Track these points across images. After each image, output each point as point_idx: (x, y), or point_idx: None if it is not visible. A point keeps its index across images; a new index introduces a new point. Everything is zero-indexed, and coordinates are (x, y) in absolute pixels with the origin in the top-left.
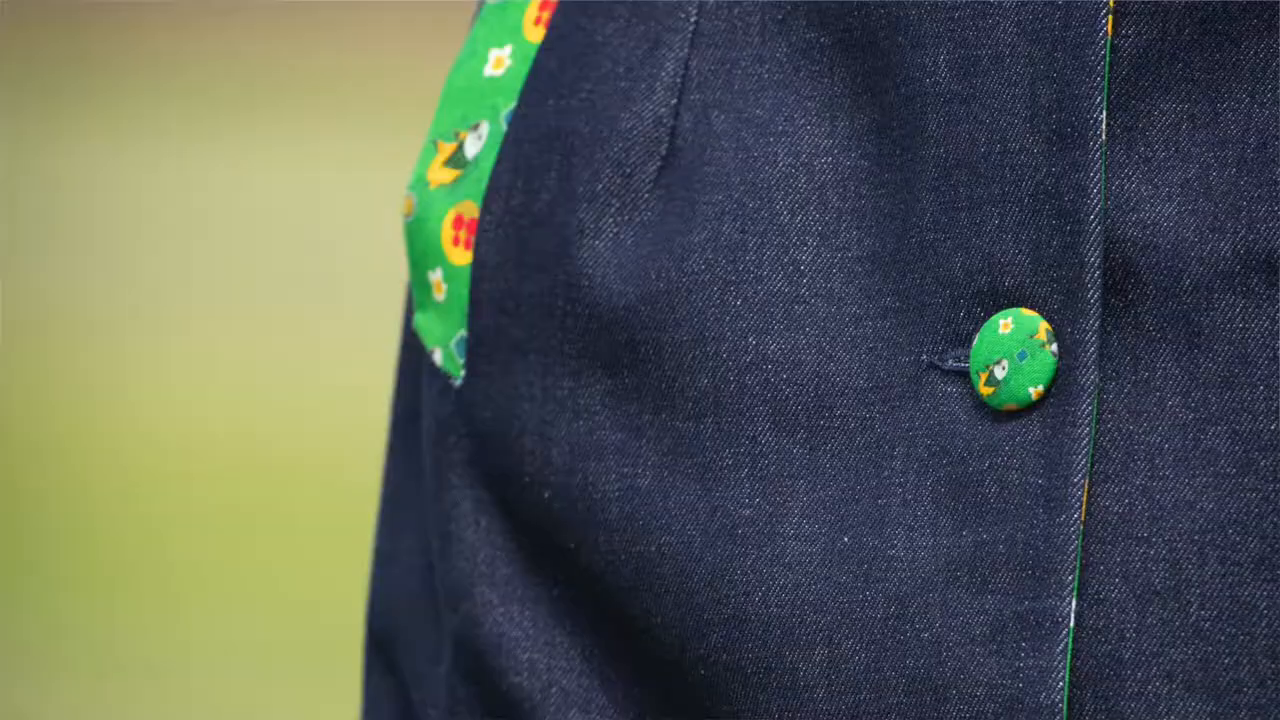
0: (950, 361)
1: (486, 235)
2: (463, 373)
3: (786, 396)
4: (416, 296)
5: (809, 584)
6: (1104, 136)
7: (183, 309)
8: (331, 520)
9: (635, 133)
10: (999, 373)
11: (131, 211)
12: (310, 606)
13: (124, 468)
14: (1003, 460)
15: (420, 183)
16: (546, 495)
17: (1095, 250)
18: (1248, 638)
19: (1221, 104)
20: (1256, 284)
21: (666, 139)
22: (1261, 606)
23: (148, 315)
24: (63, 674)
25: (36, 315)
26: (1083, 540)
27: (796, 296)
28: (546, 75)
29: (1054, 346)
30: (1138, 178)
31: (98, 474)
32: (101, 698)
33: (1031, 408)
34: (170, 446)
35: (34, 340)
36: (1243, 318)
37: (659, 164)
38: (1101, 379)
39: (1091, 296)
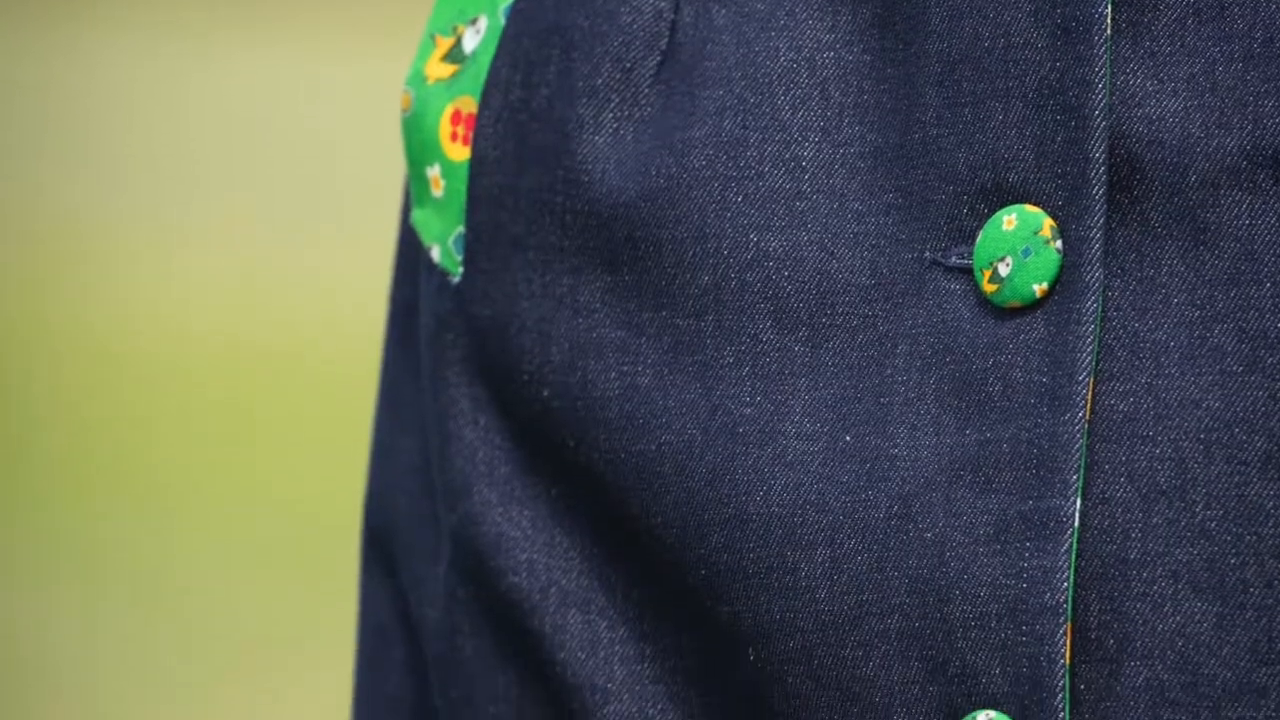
0: (953, 258)
1: (485, 131)
2: (460, 269)
3: (788, 294)
4: (414, 192)
5: (810, 483)
6: (1109, 31)
7: (177, 210)
8: (328, 421)
9: (635, 27)
10: (1003, 270)
11: (123, 113)
12: (307, 506)
13: (118, 373)
14: (1006, 358)
15: (418, 78)
16: (546, 393)
17: (1100, 146)
18: (1255, 538)
19: None
20: (1264, 180)
21: (666, 33)
22: (1269, 506)
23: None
24: (55, 580)
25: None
26: (1087, 439)
27: (798, 193)
28: None
29: (1058, 243)
30: (1143, 73)
31: (91, 380)
32: (95, 603)
33: (1035, 305)
34: (165, 350)
35: (26, 246)
36: (1249, 215)
37: (659, 59)
38: (1106, 276)
39: (1096, 193)
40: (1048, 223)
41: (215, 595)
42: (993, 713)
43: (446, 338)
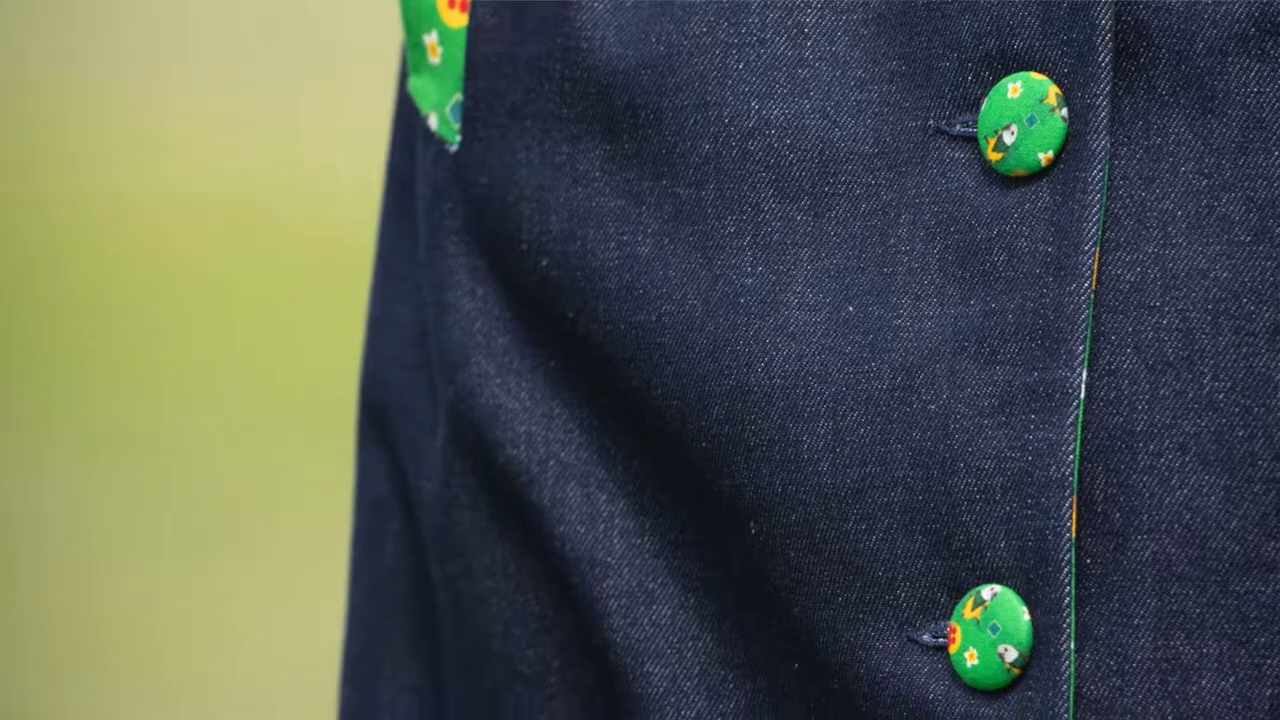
0: (958, 127)
1: None
2: (458, 138)
3: (790, 163)
4: (411, 60)
5: (813, 354)
6: None
7: (172, 72)
8: (326, 292)
9: None
10: (1008, 138)
11: None
12: (303, 378)
13: (110, 238)
14: (1011, 227)
15: None
16: (544, 263)
17: (1106, 13)
18: (1263, 410)
19: None
20: (1272, 48)
21: None
22: (1277, 378)
23: (136, 79)
24: (47, 448)
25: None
26: (1093, 309)
27: (800, 60)
28: None
29: (1064, 111)
30: None
31: (83, 245)
32: (86, 472)
33: (1041, 174)
34: (160, 216)
35: (13, 109)
36: (1258, 82)
37: None
38: (1112, 145)
39: (1102, 59)
40: (1053, 90)
41: (209, 466)
42: (997, 587)
43: (444, 207)
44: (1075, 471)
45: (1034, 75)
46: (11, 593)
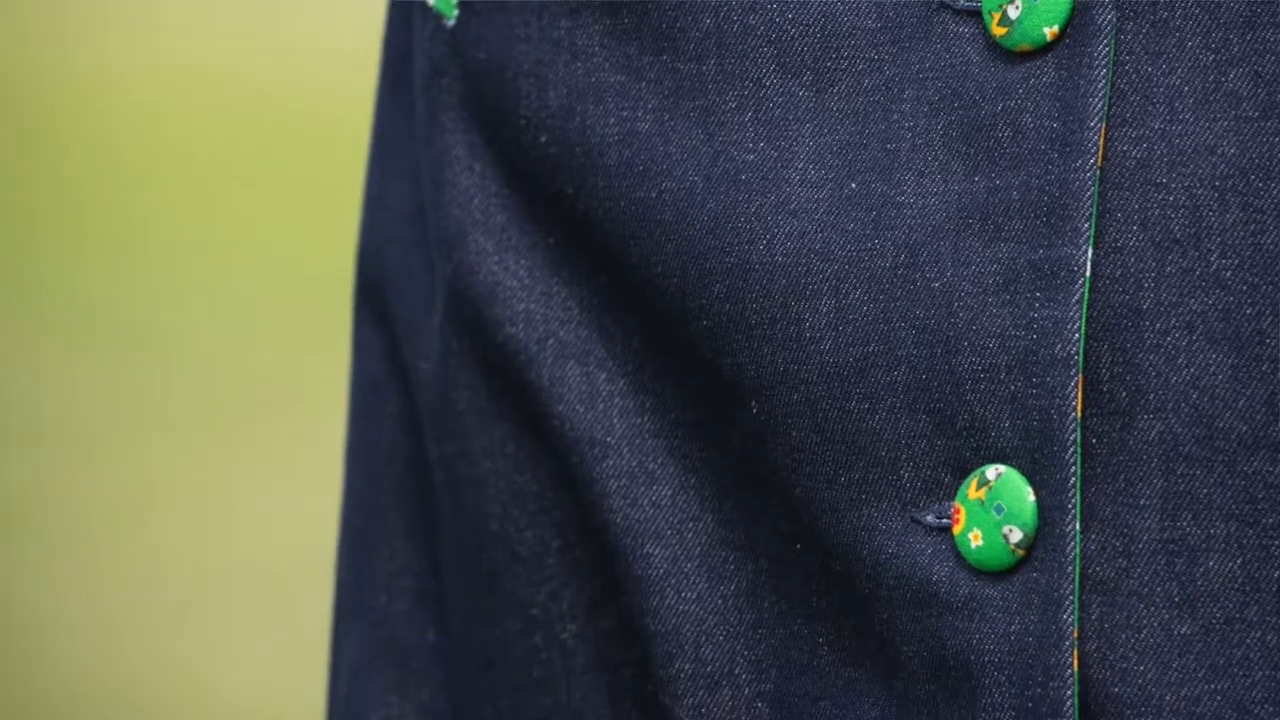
0: (961, 1)
1: None
2: (455, 12)
3: (792, 37)
4: None
5: (815, 231)
6: None
7: None
8: (321, 171)
9: None
10: (1012, 12)
11: None
12: (299, 258)
13: (106, 120)
14: (1016, 103)
15: None
16: (543, 139)
17: None
18: (1271, 287)
19: None
20: None
21: None
22: None
23: None
24: (41, 333)
25: None
26: (1099, 186)
27: None
28: None
29: None
30: None
31: (78, 127)
32: (81, 356)
33: (1046, 49)
34: (156, 97)
35: None
36: None
37: None
38: (1119, 19)
39: None
40: None
41: (203, 347)
42: (1002, 467)
43: (441, 83)
44: (1081, 350)
45: None
46: (2, 476)
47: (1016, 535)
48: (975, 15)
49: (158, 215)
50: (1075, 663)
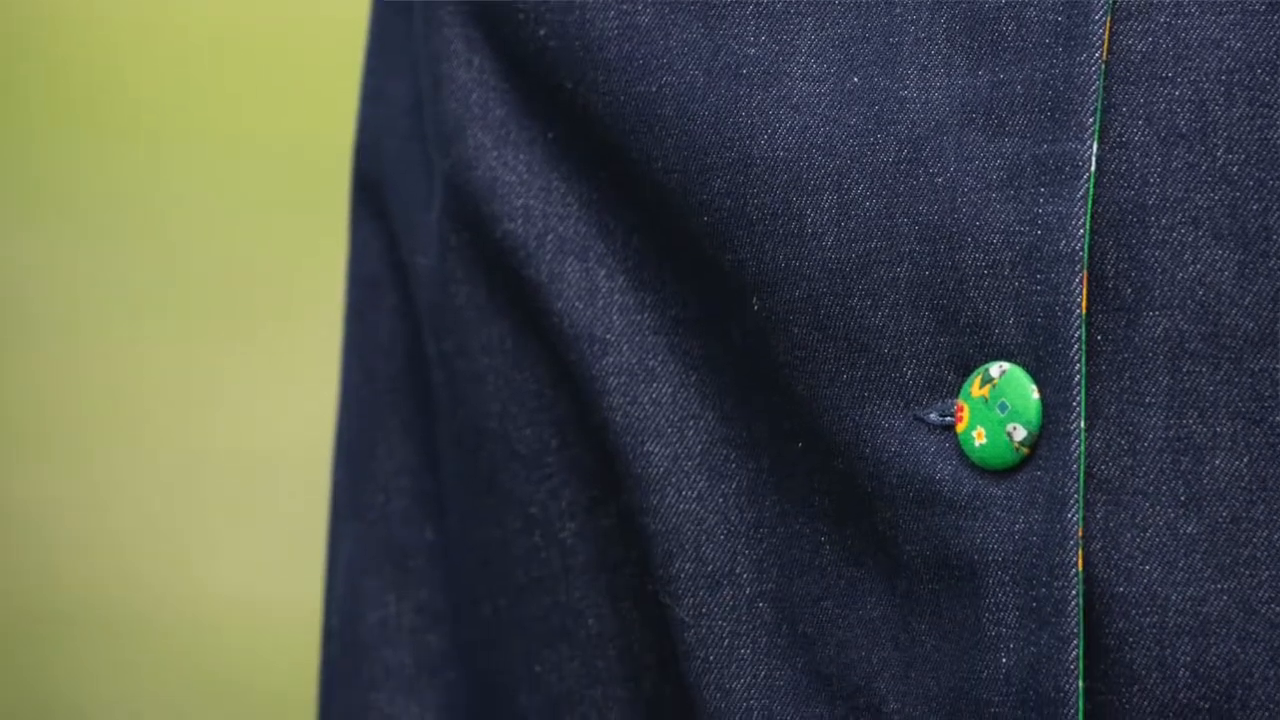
0: None
1: None
2: None
3: None
4: None
5: (817, 126)
6: None
7: None
8: (318, 60)
9: None
10: None
11: None
12: (295, 149)
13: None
14: None
15: None
16: (542, 33)
17: None
18: (1277, 182)
19: None
20: None
21: None
22: None
23: None
24: (36, 215)
25: None
26: (1104, 80)
27: None
28: None
29: None
30: None
31: (72, 6)
32: (76, 239)
33: None
34: None
35: None
36: None
37: None
38: None
39: None
40: None
41: (199, 234)
42: (1006, 364)
43: None
44: (1086, 246)
45: None
46: None
47: (1020, 433)
48: None
49: (153, 96)
50: (1080, 562)
